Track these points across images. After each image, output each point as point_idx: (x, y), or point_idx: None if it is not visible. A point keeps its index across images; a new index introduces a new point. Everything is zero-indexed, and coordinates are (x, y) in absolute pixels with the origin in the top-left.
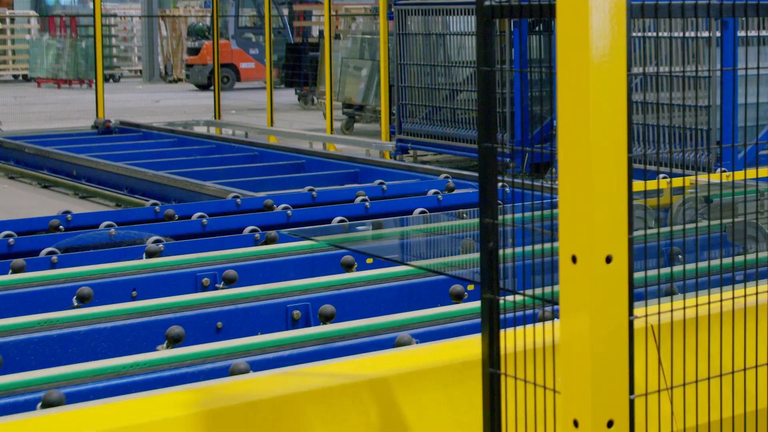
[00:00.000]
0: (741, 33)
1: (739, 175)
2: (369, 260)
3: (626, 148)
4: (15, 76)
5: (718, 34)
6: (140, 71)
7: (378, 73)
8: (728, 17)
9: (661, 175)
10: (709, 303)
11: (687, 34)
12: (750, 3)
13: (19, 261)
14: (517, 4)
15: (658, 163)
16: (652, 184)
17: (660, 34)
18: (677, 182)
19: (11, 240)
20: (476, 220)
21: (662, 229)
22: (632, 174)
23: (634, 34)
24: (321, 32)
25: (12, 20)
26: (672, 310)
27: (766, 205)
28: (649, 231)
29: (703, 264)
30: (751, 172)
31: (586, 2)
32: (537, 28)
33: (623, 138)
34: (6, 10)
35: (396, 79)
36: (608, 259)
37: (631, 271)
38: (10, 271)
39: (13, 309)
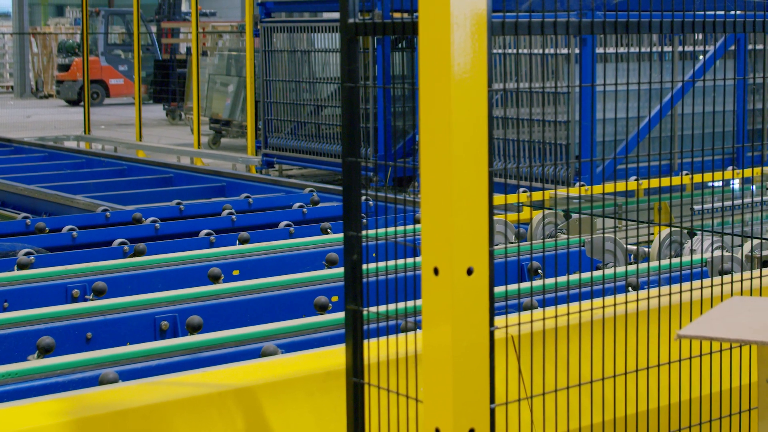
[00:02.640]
0: (599, 50)
1: (597, 189)
2: (235, 272)
3: (487, 162)
4: None
5: (577, 50)
6: (12, 87)
7: (244, 89)
8: (587, 34)
9: (521, 189)
10: (568, 314)
11: (547, 51)
12: (608, 21)
13: None
14: (380, 22)
15: (518, 177)
16: (512, 198)
17: (521, 50)
18: (537, 196)
19: None
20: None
21: (522, 244)
22: (493, 188)
23: (495, 51)
24: (188, 49)
25: None
26: (532, 321)
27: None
28: (509, 245)
29: (562, 278)
30: (609, 187)
31: (447, 20)
32: (400, 45)
33: (484, 152)
34: None
35: (262, 94)
36: (469, 271)
37: (491, 282)
38: None
39: None
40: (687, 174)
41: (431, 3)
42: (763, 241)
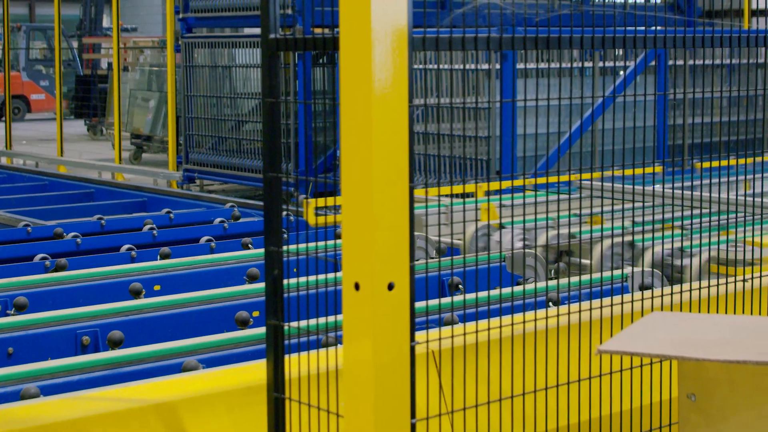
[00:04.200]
0: (520, 65)
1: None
2: (156, 287)
3: (408, 177)
4: None
5: (498, 66)
6: None
7: (165, 104)
8: (508, 50)
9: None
10: (488, 329)
11: (468, 67)
12: (529, 36)
13: None
14: (301, 37)
15: (439, 192)
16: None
17: (442, 66)
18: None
19: None
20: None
21: (443, 259)
22: (414, 203)
23: (417, 66)
24: (110, 64)
25: None
26: (453, 336)
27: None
28: (430, 261)
29: (482, 293)
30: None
31: (368, 35)
32: (321, 60)
33: (405, 168)
34: None
35: (183, 110)
36: (390, 286)
37: (412, 297)
38: None
39: None
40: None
41: (352, 18)
42: (561, 231)
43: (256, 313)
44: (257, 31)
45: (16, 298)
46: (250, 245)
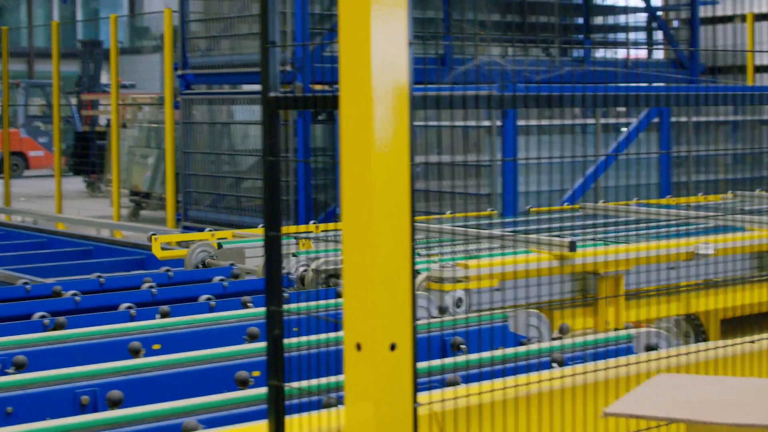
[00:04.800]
0: (521, 122)
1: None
2: (156, 346)
3: (409, 237)
4: None
5: (499, 123)
6: None
7: (164, 161)
8: (509, 108)
9: None
10: (492, 390)
11: (468, 122)
12: (530, 94)
13: None
14: (301, 96)
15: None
16: None
17: (442, 122)
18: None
19: None
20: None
21: (445, 318)
22: (414, 263)
23: (417, 123)
24: (108, 121)
25: None
26: (456, 398)
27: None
28: (432, 320)
29: (485, 354)
30: None
31: (369, 94)
32: (320, 117)
33: (406, 227)
34: None
35: (182, 166)
36: (392, 347)
37: (415, 358)
38: None
39: None
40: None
41: (352, 77)
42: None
43: (256, 373)
44: (256, 87)
45: (15, 357)
46: (249, 304)
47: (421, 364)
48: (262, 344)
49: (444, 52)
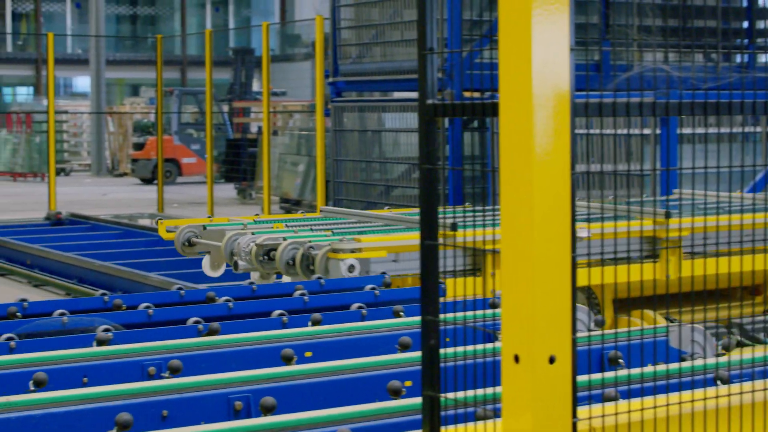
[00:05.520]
0: (683, 130)
1: None
2: (308, 354)
3: (570, 248)
4: None
5: (658, 131)
6: (89, 165)
7: (314, 169)
8: (674, 115)
9: None
10: (655, 407)
11: (625, 131)
12: (697, 101)
13: None
14: (459, 103)
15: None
16: None
17: (598, 130)
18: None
19: None
20: (415, 318)
21: (606, 332)
22: (576, 274)
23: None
24: (260, 128)
25: None
26: (617, 413)
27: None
28: (591, 333)
29: (646, 369)
30: None
31: (530, 101)
32: (471, 125)
33: (567, 238)
34: None
35: (332, 174)
36: (551, 360)
37: (574, 372)
38: None
39: None
40: None
41: (512, 83)
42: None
43: (408, 383)
44: (407, 95)
45: (171, 361)
46: (401, 313)
47: (581, 378)
48: (415, 354)
49: (601, 58)
